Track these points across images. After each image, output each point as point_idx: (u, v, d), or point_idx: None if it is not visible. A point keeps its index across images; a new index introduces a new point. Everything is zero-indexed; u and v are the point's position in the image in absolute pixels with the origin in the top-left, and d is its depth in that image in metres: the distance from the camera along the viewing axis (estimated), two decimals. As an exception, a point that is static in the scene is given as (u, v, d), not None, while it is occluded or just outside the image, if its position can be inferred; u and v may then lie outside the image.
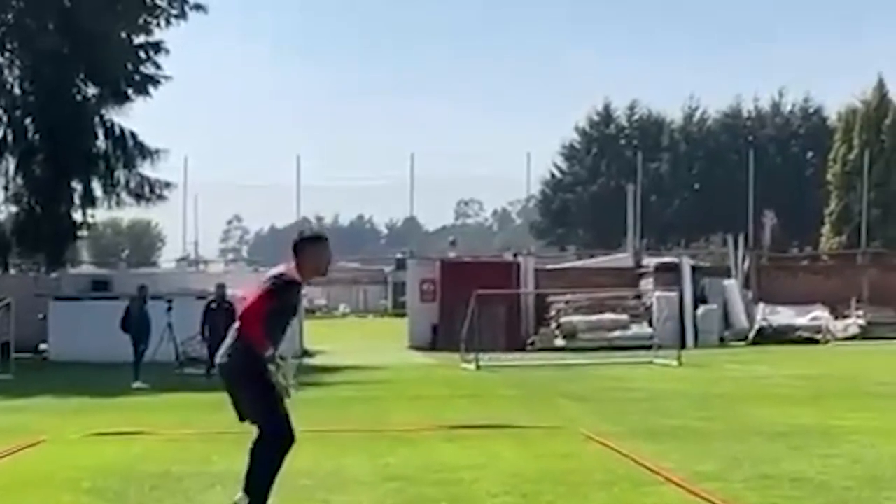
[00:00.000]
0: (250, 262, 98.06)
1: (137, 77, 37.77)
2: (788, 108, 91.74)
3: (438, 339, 37.69)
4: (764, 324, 39.00)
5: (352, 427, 15.20)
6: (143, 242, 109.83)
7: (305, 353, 34.15)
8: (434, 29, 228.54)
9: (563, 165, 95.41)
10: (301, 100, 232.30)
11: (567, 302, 38.62)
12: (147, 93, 38.02)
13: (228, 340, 8.75)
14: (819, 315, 40.02)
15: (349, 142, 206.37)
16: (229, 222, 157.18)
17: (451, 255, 55.70)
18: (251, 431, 8.97)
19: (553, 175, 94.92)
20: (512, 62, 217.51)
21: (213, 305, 27.55)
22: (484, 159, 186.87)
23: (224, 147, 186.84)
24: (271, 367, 8.51)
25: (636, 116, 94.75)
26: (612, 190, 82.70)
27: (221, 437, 12.89)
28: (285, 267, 8.77)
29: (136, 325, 25.63)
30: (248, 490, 8.73)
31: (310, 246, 8.85)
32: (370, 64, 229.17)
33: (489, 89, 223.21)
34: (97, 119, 37.81)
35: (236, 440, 13.03)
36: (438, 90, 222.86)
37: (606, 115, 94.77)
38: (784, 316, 39.89)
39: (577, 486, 10.90)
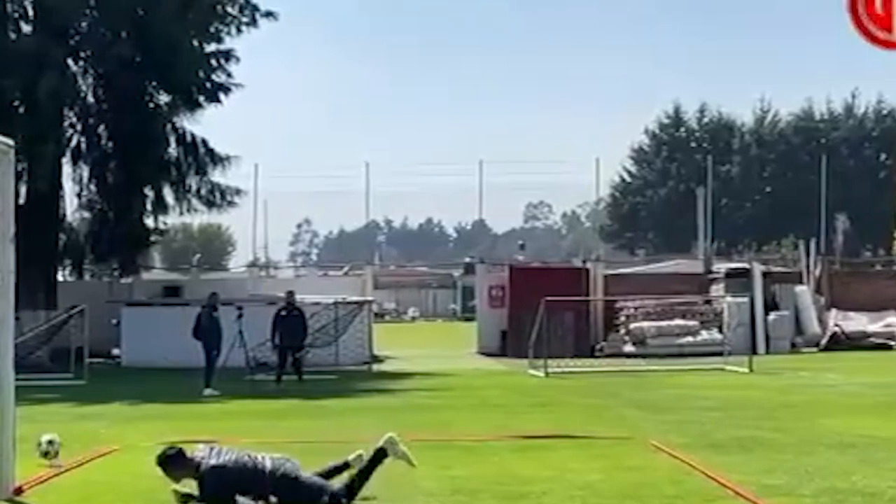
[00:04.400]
0: (320, 266, 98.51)
1: (209, 85, 38.05)
2: (861, 110, 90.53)
3: (507, 345, 37.69)
4: (836, 330, 38.56)
5: (421, 436, 15.23)
6: (214, 246, 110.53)
7: (375, 359, 34.30)
8: (503, 33, 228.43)
9: (633, 169, 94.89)
10: (371, 105, 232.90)
11: (636, 307, 38.45)
12: (218, 100, 38.28)
13: None
14: (893, 321, 39.51)
15: (419, 146, 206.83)
16: (299, 226, 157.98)
17: (520, 258, 55.71)
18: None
19: (622, 179, 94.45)
20: (581, 66, 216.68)
21: (283, 312, 27.77)
22: (553, 164, 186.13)
23: (294, 152, 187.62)
24: None
25: (706, 119, 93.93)
26: (682, 193, 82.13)
27: (292, 446, 12.96)
28: None
29: (206, 332, 25.80)
30: None
31: None
32: (441, 70, 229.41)
33: (558, 94, 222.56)
34: (169, 127, 38.17)
35: (308, 449, 13.20)
36: (508, 95, 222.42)
37: (676, 118, 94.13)
38: (857, 322, 39.39)
39: (646, 499, 10.91)
